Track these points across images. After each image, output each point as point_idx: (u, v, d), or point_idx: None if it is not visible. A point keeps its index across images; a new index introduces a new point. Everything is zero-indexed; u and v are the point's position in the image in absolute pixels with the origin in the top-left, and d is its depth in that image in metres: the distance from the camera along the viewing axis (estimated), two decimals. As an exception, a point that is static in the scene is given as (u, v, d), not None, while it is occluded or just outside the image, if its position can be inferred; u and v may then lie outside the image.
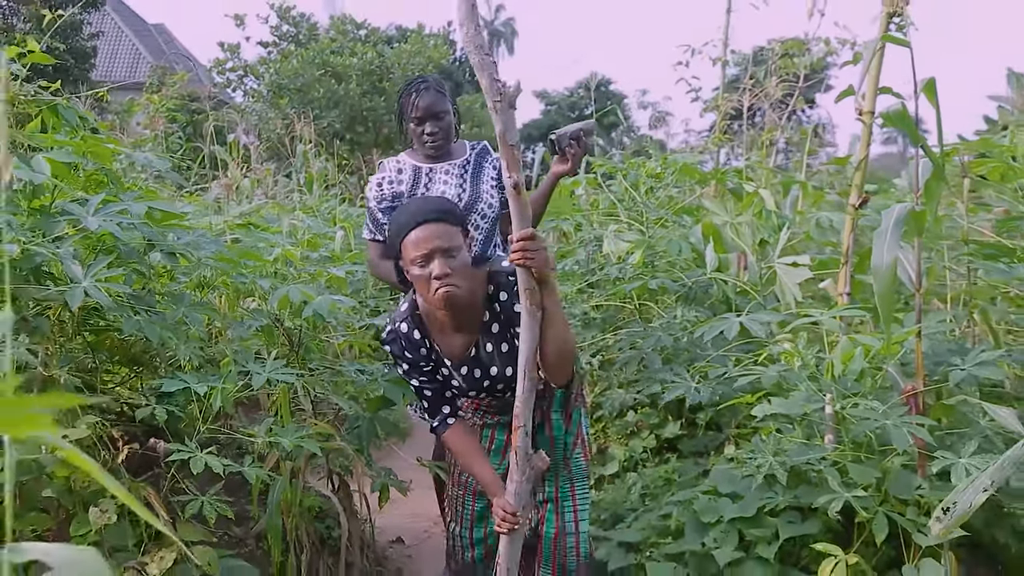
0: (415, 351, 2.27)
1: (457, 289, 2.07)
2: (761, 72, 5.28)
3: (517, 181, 1.89)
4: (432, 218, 2.08)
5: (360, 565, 2.95)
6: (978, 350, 2.49)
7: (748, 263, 3.74)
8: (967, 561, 2.77)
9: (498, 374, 2.28)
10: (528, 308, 1.98)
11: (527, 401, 2.03)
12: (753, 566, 2.64)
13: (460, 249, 2.08)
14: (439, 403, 2.34)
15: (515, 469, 2.08)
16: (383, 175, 3.13)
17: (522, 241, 1.93)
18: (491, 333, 2.26)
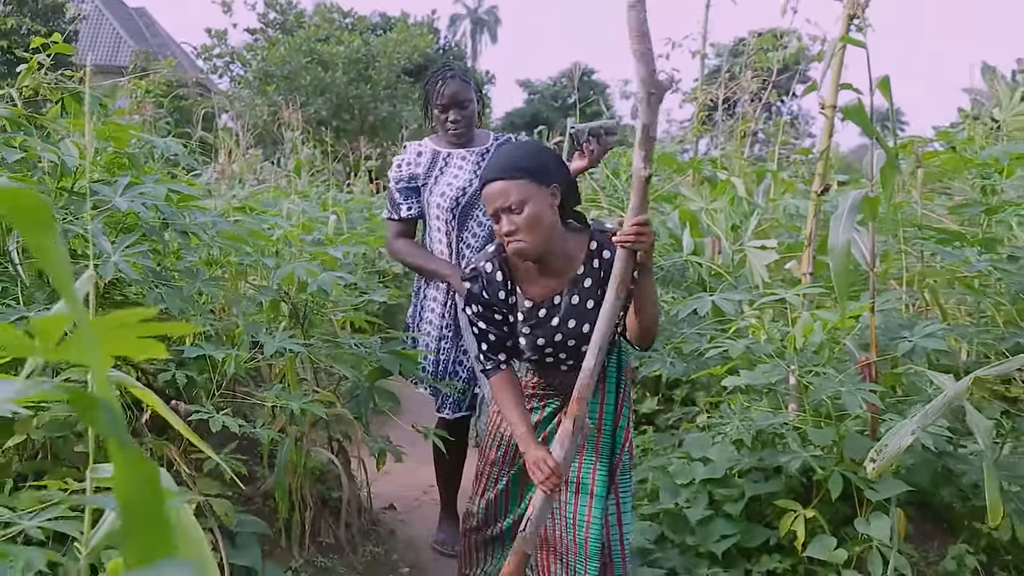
0: (494, 293, 2.28)
1: (524, 244, 2.11)
2: (737, 66, 5.51)
3: (650, 173, 1.94)
4: (494, 177, 2.13)
5: (358, 524, 3.18)
6: (924, 324, 2.74)
7: (722, 247, 3.98)
8: (916, 518, 3.03)
9: (575, 327, 2.26)
10: (616, 290, 1.99)
11: (593, 373, 2.03)
12: (721, 523, 2.88)
13: (526, 203, 2.09)
14: (499, 348, 2.33)
15: (568, 437, 2.08)
16: (404, 157, 3.25)
17: (638, 225, 1.95)
18: (582, 287, 2.26)
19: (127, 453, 0.77)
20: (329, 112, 19.11)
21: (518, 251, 2.14)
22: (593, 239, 2.25)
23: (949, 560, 2.79)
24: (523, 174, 2.11)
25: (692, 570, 2.82)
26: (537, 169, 2.13)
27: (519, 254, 2.15)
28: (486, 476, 2.59)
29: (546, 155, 2.23)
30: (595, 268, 2.24)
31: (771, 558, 2.78)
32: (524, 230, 2.11)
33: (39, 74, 2.71)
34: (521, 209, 2.10)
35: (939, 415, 2.04)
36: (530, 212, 2.10)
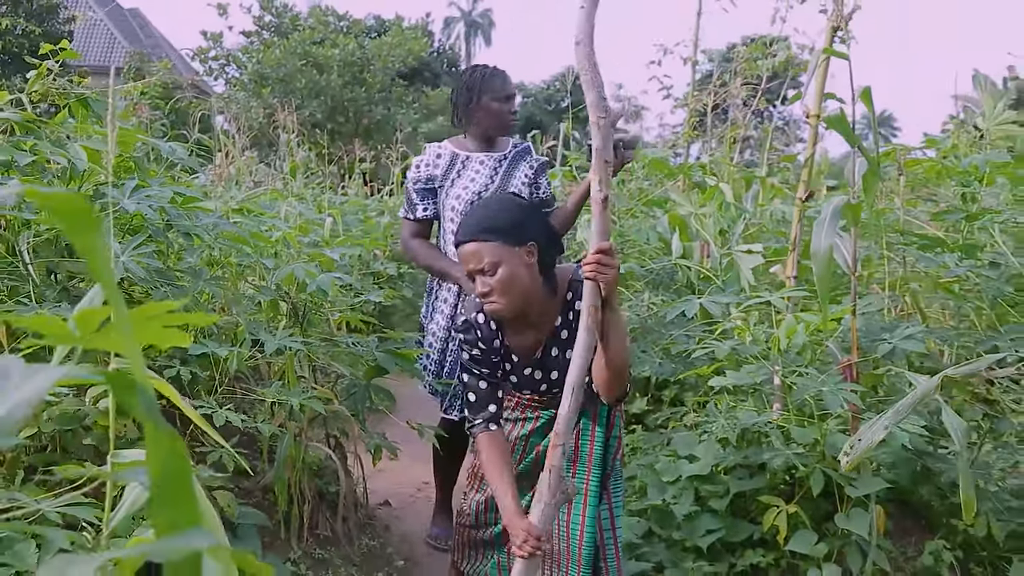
0: (488, 343, 2.29)
1: (499, 305, 2.12)
2: (728, 73, 5.62)
3: (606, 195, 1.90)
4: (467, 239, 2.13)
5: (354, 519, 3.26)
6: (904, 327, 2.83)
7: (710, 251, 4.08)
8: (896, 515, 3.13)
9: (557, 379, 2.28)
10: (587, 325, 1.91)
11: (569, 420, 1.93)
12: (707, 518, 2.97)
13: (499, 266, 2.09)
14: (487, 402, 2.29)
15: (546, 491, 1.96)
16: (422, 158, 3.29)
17: (599, 254, 1.90)
18: (560, 339, 2.26)
19: (159, 430, 0.86)
20: (324, 115, 19.23)
21: (493, 312, 2.15)
22: (570, 289, 2.24)
23: (927, 556, 2.88)
24: (496, 235, 2.09)
25: (678, 564, 2.91)
26: (510, 229, 2.11)
27: (495, 314, 2.17)
28: (480, 476, 2.61)
29: (521, 212, 2.19)
30: (570, 320, 2.24)
31: (755, 552, 2.87)
32: (498, 292, 2.10)
33: (47, 79, 2.78)
34: (494, 271, 2.09)
35: (910, 412, 2.13)
36: (503, 274, 2.09)
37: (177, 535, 0.90)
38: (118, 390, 0.88)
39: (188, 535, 0.91)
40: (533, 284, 2.16)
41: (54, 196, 0.79)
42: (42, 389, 0.83)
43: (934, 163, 3.49)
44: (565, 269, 2.29)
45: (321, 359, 3.21)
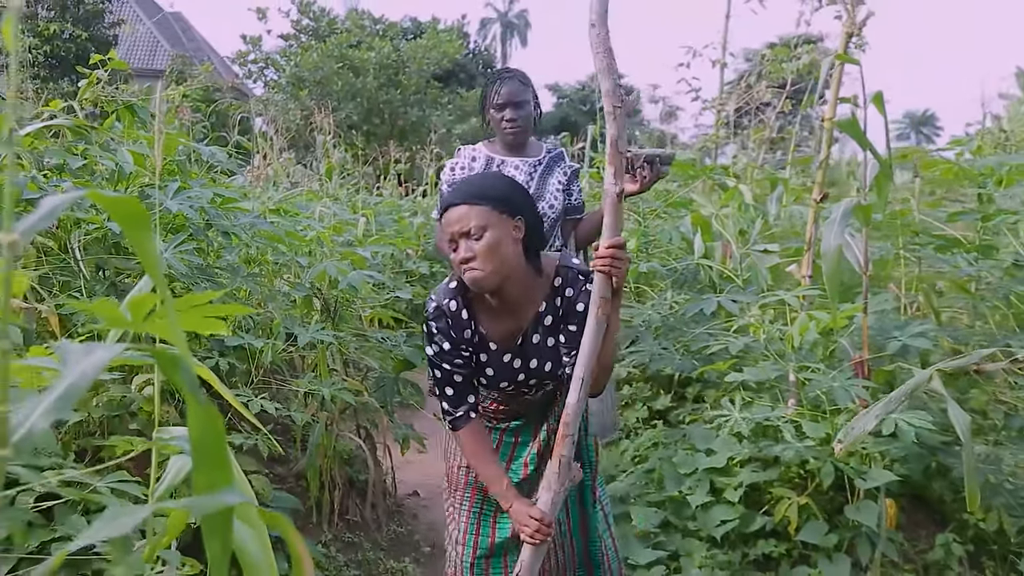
0: (459, 331, 2.16)
1: (481, 272, 2.00)
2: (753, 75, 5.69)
3: (622, 189, 1.89)
4: (458, 201, 2.04)
5: (383, 506, 3.41)
6: (914, 325, 2.91)
7: (732, 251, 4.17)
8: (910, 510, 3.21)
9: (537, 367, 2.20)
10: (598, 316, 1.92)
11: (578, 409, 1.94)
12: (721, 509, 3.07)
13: (487, 230, 2.00)
14: (465, 393, 2.21)
15: (555, 479, 1.97)
16: (457, 160, 3.18)
17: (612, 248, 1.90)
18: (543, 325, 2.18)
19: (198, 403, 1.00)
20: (360, 116, 19.51)
21: (474, 279, 2.02)
22: (558, 275, 2.17)
23: (937, 548, 2.96)
24: (486, 201, 2.03)
25: (693, 552, 3.01)
26: (501, 198, 2.05)
27: (475, 283, 2.03)
28: (465, 507, 2.45)
29: (514, 188, 2.13)
30: (556, 306, 2.17)
31: (767, 542, 2.97)
32: (481, 257, 2.00)
33: (97, 87, 2.95)
34: (480, 235, 2.00)
35: (901, 402, 2.22)
36: (489, 239, 2.00)
37: (213, 494, 1.05)
38: (164, 367, 1.03)
39: (222, 494, 1.06)
40: (516, 259, 2.06)
41: (114, 200, 0.94)
42: (101, 363, 0.97)
43: (951, 165, 3.55)
44: (551, 256, 2.22)
45: (352, 353, 3.36)
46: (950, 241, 3.46)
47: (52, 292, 2.57)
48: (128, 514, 1.03)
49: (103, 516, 1.05)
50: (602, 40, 1.86)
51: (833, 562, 2.80)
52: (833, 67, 3.07)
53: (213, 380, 1.59)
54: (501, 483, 2.15)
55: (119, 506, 1.63)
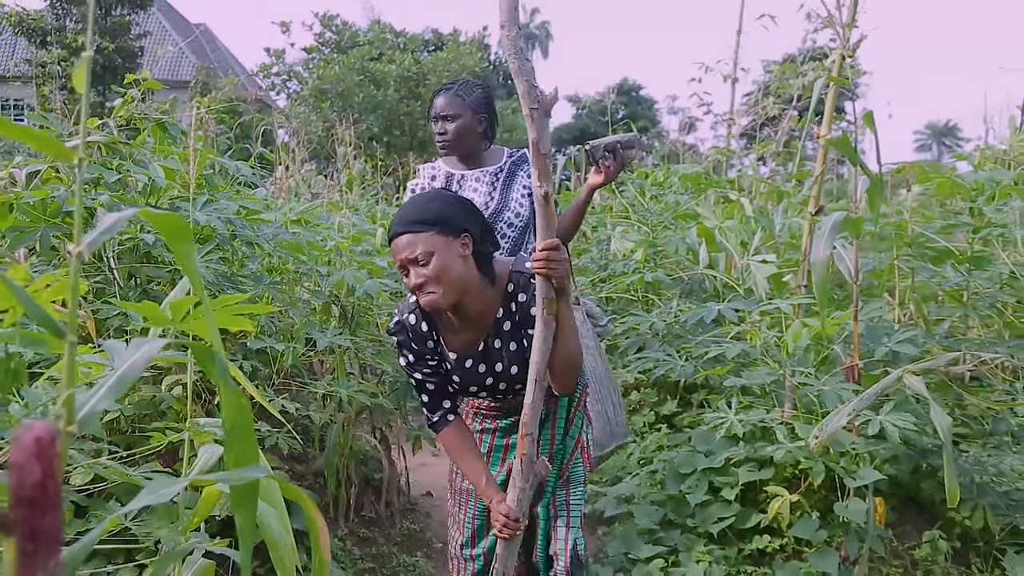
0: (422, 343, 2.24)
1: (435, 295, 2.05)
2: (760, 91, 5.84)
3: (547, 191, 1.90)
4: (399, 231, 2.07)
5: (397, 504, 3.58)
6: (901, 331, 3.06)
7: (735, 261, 4.32)
8: (900, 509, 3.34)
9: (503, 371, 2.24)
10: (544, 318, 1.96)
11: (535, 409, 2.00)
12: (718, 506, 3.22)
13: (433, 255, 2.03)
14: (440, 398, 2.29)
15: (519, 476, 2.05)
16: (417, 181, 3.16)
17: (546, 251, 1.94)
18: (502, 330, 2.22)
19: (230, 390, 1.18)
20: (380, 128, 19.82)
21: (429, 303, 2.07)
22: (511, 280, 2.20)
23: (924, 545, 3.10)
24: (428, 226, 2.05)
25: (691, 548, 3.16)
26: (443, 219, 2.07)
27: (431, 307, 2.09)
28: (462, 512, 2.55)
29: (453, 206, 2.14)
30: (512, 311, 2.21)
31: (762, 538, 3.11)
32: (433, 281, 2.04)
33: (132, 105, 3.15)
34: (428, 261, 2.03)
35: (872, 400, 2.37)
36: (437, 263, 2.03)
37: (241, 469, 1.23)
38: (200, 358, 1.21)
39: (249, 469, 1.24)
40: (469, 274, 2.10)
41: (161, 216, 1.12)
42: (149, 355, 1.15)
43: (946, 179, 3.68)
44: (505, 262, 2.25)
45: (368, 358, 3.54)
46: (943, 252, 3.60)
47: (87, 298, 2.77)
48: (169, 485, 1.21)
49: (148, 486, 1.23)
50: (512, 41, 1.84)
51: (823, 556, 2.94)
52: (827, 87, 3.23)
53: (241, 378, 1.78)
54: (481, 479, 2.22)
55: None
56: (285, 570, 1.53)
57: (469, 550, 2.53)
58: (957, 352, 2.55)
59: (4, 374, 1.15)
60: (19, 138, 1.13)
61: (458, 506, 2.56)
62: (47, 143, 1.11)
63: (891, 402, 2.96)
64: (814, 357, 3.18)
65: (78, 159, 1.12)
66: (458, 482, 2.55)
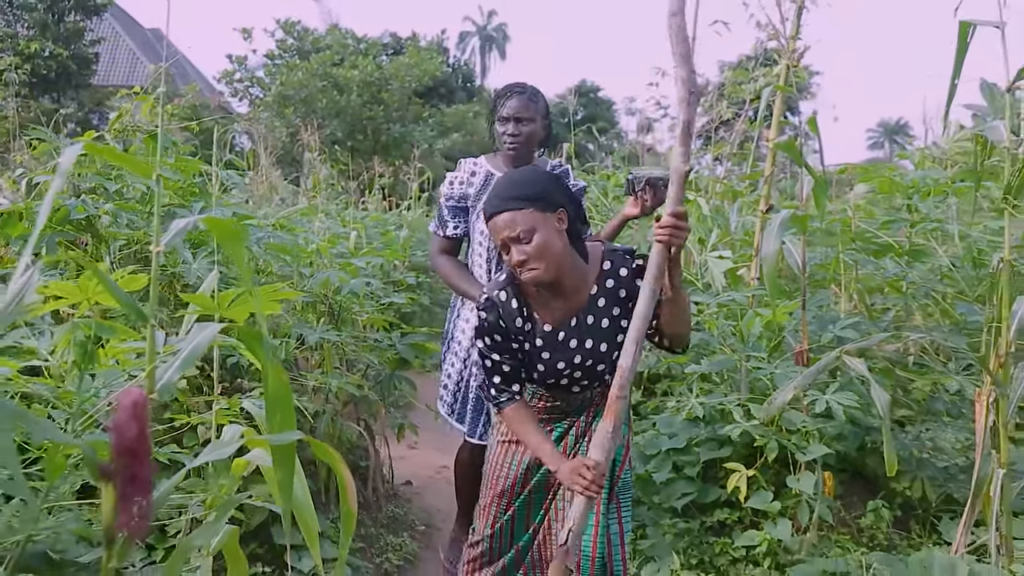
0: (511, 320, 2.26)
1: (538, 271, 2.12)
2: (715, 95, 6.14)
3: (689, 168, 1.98)
4: (498, 209, 2.13)
5: (382, 490, 3.80)
6: (845, 319, 3.34)
7: (693, 257, 4.60)
8: (848, 483, 3.63)
9: (592, 348, 2.27)
10: (651, 285, 1.97)
11: (631, 371, 2.01)
12: (682, 484, 3.48)
13: (534, 232, 2.10)
14: (512, 381, 2.32)
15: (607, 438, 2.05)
16: (456, 174, 3.22)
17: (674, 217, 1.96)
18: (596, 306, 2.26)
19: (274, 366, 1.41)
20: (344, 133, 20.01)
21: (532, 279, 2.14)
22: (606, 258, 2.27)
23: (869, 514, 3.38)
24: (527, 203, 2.12)
25: (658, 522, 3.42)
26: (540, 196, 2.14)
27: (534, 282, 2.15)
28: (495, 507, 2.55)
29: (548, 181, 2.21)
30: (608, 288, 2.26)
31: (722, 511, 3.38)
32: (535, 258, 2.11)
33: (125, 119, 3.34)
34: (530, 238, 2.10)
35: (814, 378, 2.65)
36: (539, 240, 2.10)
37: (281, 433, 1.46)
38: (247, 339, 1.44)
39: (287, 433, 1.47)
40: (565, 250, 2.16)
41: (217, 221, 1.34)
42: (211, 337, 1.37)
43: (885, 179, 3.99)
44: (596, 243, 2.33)
45: (351, 353, 3.75)
46: (884, 247, 3.91)
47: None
48: (226, 444, 1.44)
49: (209, 447, 1.46)
50: (680, 29, 1.91)
51: (777, 525, 3.21)
52: (775, 95, 3.51)
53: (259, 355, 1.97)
54: (546, 446, 2.26)
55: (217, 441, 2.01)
56: (308, 530, 1.75)
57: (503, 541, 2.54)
58: (887, 334, 2.83)
59: (83, 355, 1.36)
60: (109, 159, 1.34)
61: (494, 505, 2.54)
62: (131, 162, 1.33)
63: (836, 383, 3.24)
64: (767, 344, 3.46)
65: (156, 175, 1.34)
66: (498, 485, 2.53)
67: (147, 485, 1.19)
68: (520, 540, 2.53)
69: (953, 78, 2.55)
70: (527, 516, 2.54)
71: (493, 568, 2.56)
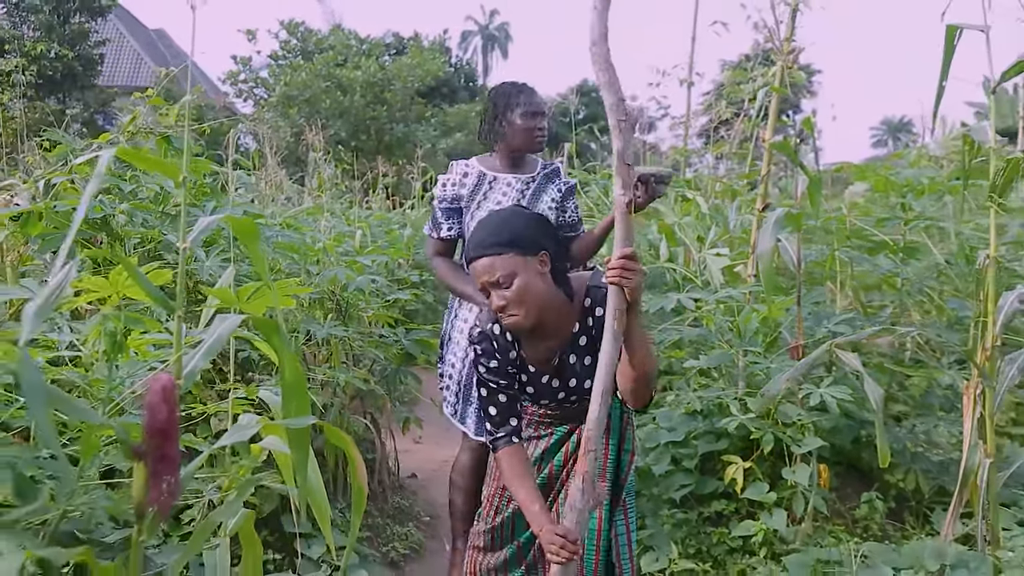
0: (504, 353, 2.24)
1: (517, 317, 2.08)
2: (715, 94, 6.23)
3: (630, 200, 1.89)
4: (479, 254, 2.10)
5: (388, 482, 3.89)
6: (839, 315, 3.43)
7: (693, 255, 4.68)
8: (844, 475, 3.72)
9: (576, 386, 2.26)
10: (613, 330, 1.91)
11: (599, 424, 1.91)
12: (680, 476, 3.57)
13: (514, 277, 2.06)
14: (508, 414, 2.25)
15: (579, 498, 1.93)
16: (449, 176, 3.20)
17: (623, 259, 1.88)
18: (578, 345, 2.23)
19: (290, 357, 1.50)
20: (348, 133, 20.15)
21: (512, 325, 2.12)
22: (588, 295, 2.21)
23: (863, 505, 3.47)
24: (507, 248, 2.07)
25: (657, 512, 3.51)
26: (521, 240, 2.09)
27: (514, 328, 2.13)
28: (498, 498, 2.52)
29: (530, 223, 2.16)
30: (589, 326, 2.21)
31: (719, 502, 3.47)
32: (515, 304, 2.07)
33: (139, 120, 3.43)
34: (509, 283, 2.06)
35: (804, 370, 2.74)
36: (519, 285, 2.06)
37: (297, 417, 1.55)
38: (265, 331, 1.53)
39: (303, 418, 1.56)
40: (549, 292, 2.12)
41: (237, 219, 1.43)
42: (233, 327, 1.46)
43: (880, 177, 4.08)
44: (581, 276, 2.27)
45: (357, 348, 3.85)
46: (879, 244, 3.99)
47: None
48: (245, 428, 1.53)
49: (230, 430, 1.55)
50: (603, 57, 1.88)
51: (773, 516, 3.29)
52: (770, 97, 3.60)
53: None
54: (535, 505, 2.15)
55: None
56: (320, 511, 1.84)
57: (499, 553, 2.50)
58: (877, 328, 2.92)
59: (112, 346, 1.46)
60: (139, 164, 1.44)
61: (496, 497, 2.52)
62: (160, 166, 1.42)
63: (831, 378, 3.33)
64: (763, 340, 3.54)
65: (182, 177, 1.43)
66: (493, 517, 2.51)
67: (176, 463, 1.29)
68: (520, 536, 2.48)
69: (940, 80, 2.63)
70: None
71: (495, 557, 2.52)
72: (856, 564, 2.85)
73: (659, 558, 3.36)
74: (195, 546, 1.49)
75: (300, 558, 3.03)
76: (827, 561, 2.97)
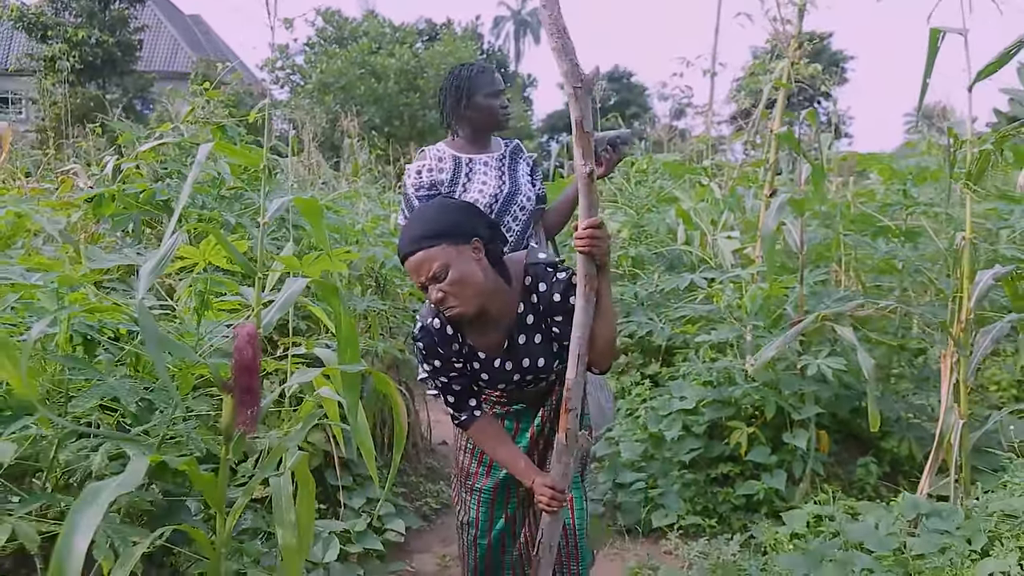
0: (447, 346, 2.21)
1: (458, 308, 2.06)
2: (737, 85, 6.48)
3: (592, 170, 1.88)
4: (410, 251, 2.07)
5: (421, 445, 4.23)
6: (837, 293, 3.71)
7: (708, 238, 4.97)
8: (842, 441, 4.00)
9: (530, 365, 2.23)
10: (585, 294, 1.94)
11: (578, 384, 1.99)
12: (690, 440, 3.87)
13: (449, 267, 2.04)
14: (466, 397, 2.29)
15: (563, 451, 2.04)
16: (423, 163, 3.11)
17: (590, 228, 1.91)
18: (526, 325, 2.20)
19: (346, 314, 1.82)
20: (381, 119, 20.59)
21: (455, 316, 2.09)
22: (527, 273, 2.19)
23: (859, 469, 3.76)
24: (437, 239, 2.04)
25: (667, 474, 3.82)
26: (451, 229, 2.06)
27: (457, 318, 2.10)
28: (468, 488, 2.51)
29: (456, 212, 2.15)
30: (534, 303, 2.19)
31: (725, 464, 3.77)
32: (454, 295, 2.04)
33: (198, 111, 3.78)
34: (445, 275, 2.04)
35: (793, 339, 3.02)
36: (453, 276, 2.03)
37: (349, 364, 1.88)
38: (325, 291, 1.86)
39: (355, 365, 1.88)
40: (486, 278, 2.09)
41: (303, 199, 1.76)
42: (300, 288, 1.79)
43: (885, 166, 4.33)
44: (516, 257, 2.25)
45: (394, 322, 4.18)
46: (881, 228, 4.26)
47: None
48: (308, 372, 1.86)
49: (296, 372, 1.88)
50: (554, 20, 1.82)
51: (773, 476, 3.59)
52: (777, 90, 3.87)
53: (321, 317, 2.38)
54: (519, 462, 2.21)
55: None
56: (365, 448, 2.15)
57: (479, 531, 2.50)
58: (861, 300, 3.19)
59: (201, 303, 1.79)
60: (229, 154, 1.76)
61: (462, 484, 2.54)
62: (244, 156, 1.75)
63: (828, 349, 3.62)
64: (768, 316, 3.83)
65: (263, 164, 1.76)
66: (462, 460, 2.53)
67: (257, 396, 1.61)
68: (509, 508, 2.48)
69: (925, 76, 2.90)
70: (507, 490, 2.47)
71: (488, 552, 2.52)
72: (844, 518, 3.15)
73: (668, 514, 3.67)
74: (271, 463, 1.81)
75: (343, 507, 3.37)
76: (820, 516, 3.26)
